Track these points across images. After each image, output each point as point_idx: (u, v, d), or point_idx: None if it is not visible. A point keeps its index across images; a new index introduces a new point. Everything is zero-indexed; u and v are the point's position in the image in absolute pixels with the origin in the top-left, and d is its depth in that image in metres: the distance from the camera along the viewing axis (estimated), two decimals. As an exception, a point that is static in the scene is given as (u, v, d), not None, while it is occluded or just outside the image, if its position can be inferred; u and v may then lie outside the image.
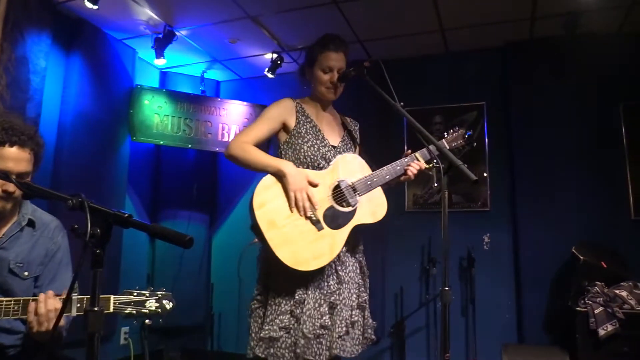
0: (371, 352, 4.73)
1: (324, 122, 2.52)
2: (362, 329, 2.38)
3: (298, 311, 2.19)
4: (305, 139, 2.40)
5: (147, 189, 5.31)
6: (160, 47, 4.55)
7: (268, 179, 2.27)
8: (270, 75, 5.05)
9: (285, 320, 2.19)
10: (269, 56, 5.06)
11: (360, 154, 2.58)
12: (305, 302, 2.20)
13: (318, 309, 2.20)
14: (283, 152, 2.44)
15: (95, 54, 4.52)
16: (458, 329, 4.63)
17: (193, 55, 5.20)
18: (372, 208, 2.39)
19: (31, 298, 1.88)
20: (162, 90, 5.15)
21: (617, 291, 3.72)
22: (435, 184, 4.82)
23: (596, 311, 3.65)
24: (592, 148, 4.46)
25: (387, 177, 2.40)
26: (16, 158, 1.95)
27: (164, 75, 5.58)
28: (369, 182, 2.35)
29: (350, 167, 2.39)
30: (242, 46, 4.96)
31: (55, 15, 4.17)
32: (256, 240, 2.23)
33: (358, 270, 2.44)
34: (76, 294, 1.88)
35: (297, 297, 2.21)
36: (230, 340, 5.43)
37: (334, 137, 2.51)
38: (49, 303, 1.81)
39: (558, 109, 4.57)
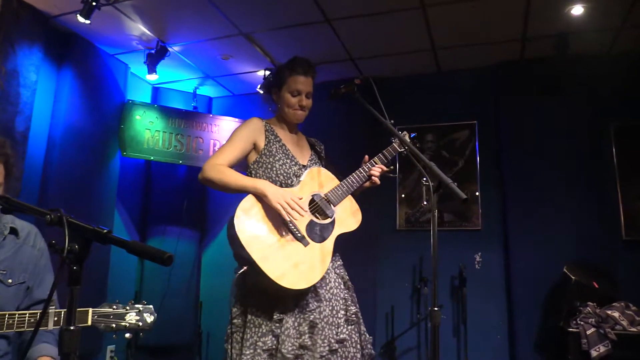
0: (361, 373, 4.67)
1: (292, 142, 2.54)
2: (359, 346, 2.33)
3: (278, 331, 2.16)
4: (277, 157, 2.41)
5: (137, 204, 5.26)
6: (152, 62, 4.55)
7: (246, 202, 2.25)
8: (262, 92, 5.04)
9: (268, 342, 2.14)
10: (261, 73, 5.07)
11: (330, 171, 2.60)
12: (284, 321, 2.17)
13: (297, 328, 2.18)
14: (253, 172, 2.44)
15: (87, 69, 4.50)
16: (449, 350, 4.58)
17: (185, 71, 5.20)
18: (349, 216, 2.42)
19: (6, 312, 1.84)
20: (153, 105, 5.13)
21: (609, 312, 3.70)
22: (425, 203, 4.81)
23: (588, 332, 3.62)
24: (583, 168, 4.48)
25: (355, 184, 2.42)
26: None
27: (156, 90, 5.57)
28: (339, 192, 2.39)
29: (319, 180, 2.42)
30: (234, 63, 4.97)
31: (48, 28, 4.17)
32: (245, 268, 2.17)
33: (342, 286, 2.40)
34: (54, 307, 1.85)
35: (275, 317, 2.18)
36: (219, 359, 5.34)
37: (302, 156, 2.54)
38: None
39: (549, 129, 4.59)
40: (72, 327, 1.07)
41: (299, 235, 2.23)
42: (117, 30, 4.32)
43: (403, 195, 5.01)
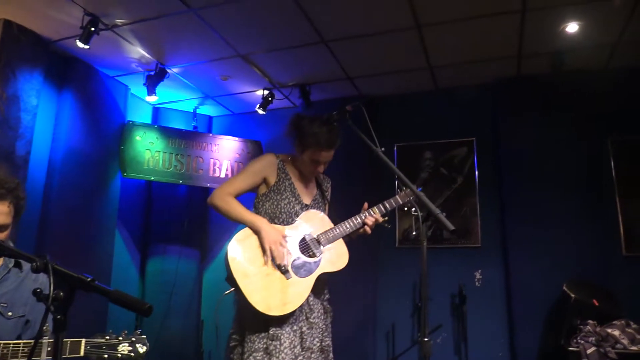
0: (363, 392, 4.67)
1: (301, 181, 2.70)
2: None
3: (272, 347, 2.32)
4: (283, 196, 2.60)
5: (138, 224, 5.29)
6: (151, 84, 4.59)
7: (241, 234, 2.46)
8: (261, 112, 5.08)
9: (258, 357, 2.32)
10: (260, 92, 5.11)
11: (329, 209, 2.78)
12: (282, 339, 2.33)
13: (293, 349, 2.36)
14: (260, 203, 2.64)
15: (87, 91, 4.56)
16: (451, 368, 4.56)
17: (185, 92, 5.24)
18: (334, 258, 2.57)
19: (1, 342, 1.86)
20: (153, 126, 5.17)
21: (609, 330, 3.68)
22: (414, 233, 4.82)
23: (588, 351, 3.60)
24: (582, 184, 4.47)
25: (348, 230, 2.59)
26: None
27: (156, 110, 5.61)
28: (330, 235, 2.56)
29: (314, 221, 2.60)
30: (233, 83, 5.01)
31: (48, 53, 4.24)
32: (232, 289, 2.40)
33: (323, 316, 2.57)
34: (47, 337, 1.87)
35: (271, 332, 2.34)
36: (221, 378, 5.33)
37: (307, 196, 2.70)
38: None
39: (547, 144, 4.60)
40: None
41: (283, 268, 2.41)
42: (117, 53, 4.38)
43: (406, 209, 4.97)
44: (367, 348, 4.74)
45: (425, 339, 1.85)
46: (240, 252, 2.41)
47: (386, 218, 2.68)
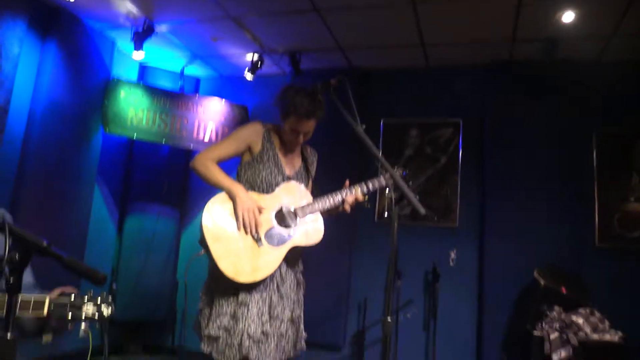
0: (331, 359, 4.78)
1: (285, 152, 2.69)
2: (293, 343, 2.56)
3: (240, 313, 2.36)
4: (266, 165, 2.60)
5: (118, 181, 5.24)
6: (139, 40, 4.48)
7: (218, 198, 2.47)
8: (249, 77, 5.00)
9: (224, 321, 2.38)
10: (249, 56, 5.01)
11: (312, 185, 2.78)
12: (250, 306, 2.36)
13: (260, 317, 2.39)
14: (243, 170, 2.65)
15: (72, 43, 4.44)
16: (418, 343, 4.66)
17: (173, 50, 5.13)
18: (309, 232, 2.58)
19: None
20: (139, 83, 5.08)
21: (573, 317, 3.77)
22: (386, 214, 4.84)
23: (551, 336, 3.69)
24: (563, 172, 4.50)
25: (327, 205, 2.59)
26: None
27: (143, 68, 5.50)
28: (308, 209, 2.56)
29: (294, 193, 2.60)
30: (223, 45, 4.91)
31: (33, 1, 4.10)
32: (202, 252, 2.43)
33: (295, 288, 2.61)
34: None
35: (240, 298, 2.38)
36: (193, 337, 5.39)
37: (290, 168, 2.70)
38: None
39: (532, 131, 4.61)
40: (9, 335, 1.07)
41: (255, 236, 2.42)
42: (104, 5, 4.25)
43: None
44: (338, 319, 4.81)
45: (389, 319, 1.87)
46: (215, 217, 2.43)
47: (366, 197, 2.66)
